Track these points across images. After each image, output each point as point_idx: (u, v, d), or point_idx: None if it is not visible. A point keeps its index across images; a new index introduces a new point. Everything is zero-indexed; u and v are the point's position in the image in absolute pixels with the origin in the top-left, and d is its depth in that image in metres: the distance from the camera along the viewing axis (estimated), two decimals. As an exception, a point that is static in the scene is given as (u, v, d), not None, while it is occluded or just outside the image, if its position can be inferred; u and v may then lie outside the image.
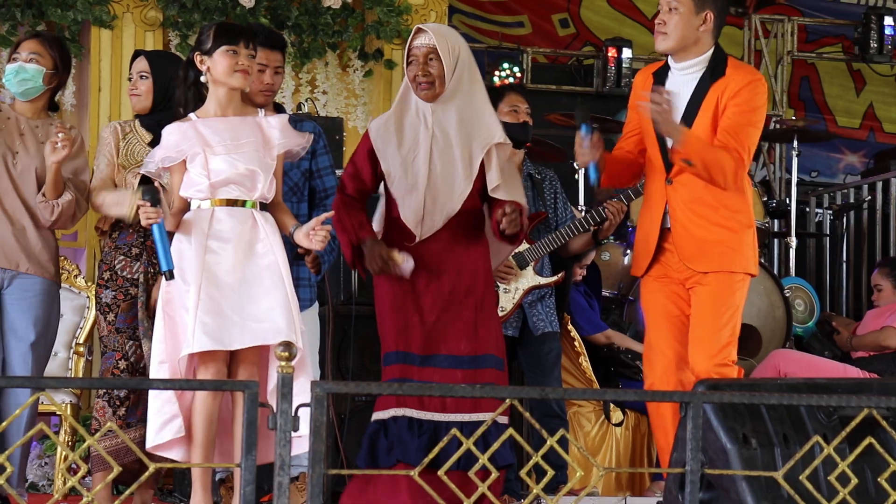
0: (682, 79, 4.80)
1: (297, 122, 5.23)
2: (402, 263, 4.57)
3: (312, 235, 4.44)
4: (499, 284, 5.62)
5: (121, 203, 4.80)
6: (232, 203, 4.44)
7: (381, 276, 4.65)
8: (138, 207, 4.41)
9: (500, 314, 5.66)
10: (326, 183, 5.22)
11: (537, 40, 9.32)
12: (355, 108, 7.68)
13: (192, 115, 4.54)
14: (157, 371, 4.43)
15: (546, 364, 5.73)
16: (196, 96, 4.57)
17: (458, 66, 4.68)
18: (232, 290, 4.37)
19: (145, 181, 4.65)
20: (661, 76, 4.86)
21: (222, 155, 4.45)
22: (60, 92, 5.25)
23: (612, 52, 8.73)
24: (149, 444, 4.36)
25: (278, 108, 5.29)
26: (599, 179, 4.83)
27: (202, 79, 4.54)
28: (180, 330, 4.37)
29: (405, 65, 4.70)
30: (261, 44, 4.95)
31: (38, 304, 4.94)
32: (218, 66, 4.49)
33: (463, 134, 4.67)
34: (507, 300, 5.70)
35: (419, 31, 4.68)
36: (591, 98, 8.79)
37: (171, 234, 4.46)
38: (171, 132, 4.50)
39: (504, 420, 4.53)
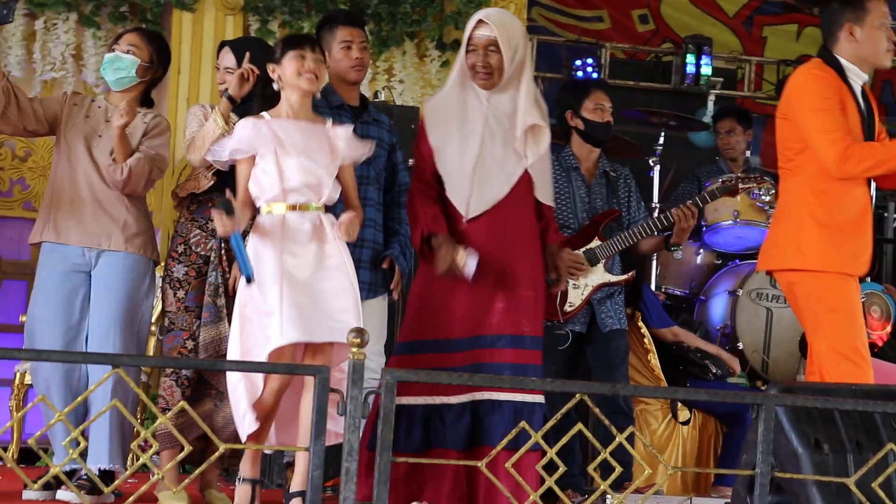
0: (858, 87, 4.79)
1: (375, 110, 5.29)
2: (464, 266, 4.55)
3: (339, 228, 4.54)
4: (569, 280, 5.60)
5: (208, 128, 4.89)
6: (303, 207, 4.54)
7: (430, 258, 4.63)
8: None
9: (569, 309, 5.65)
10: (402, 178, 5.34)
11: (616, 35, 9.26)
12: (432, 97, 7.67)
13: (265, 113, 4.63)
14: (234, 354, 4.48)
15: (614, 360, 5.71)
16: (264, 107, 4.66)
17: (517, 57, 4.69)
18: (309, 290, 4.46)
19: (219, 191, 4.71)
20: (845, 83, 4.79)
21: (294, 157, 4.54)
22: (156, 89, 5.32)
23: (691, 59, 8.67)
24: (243, 437, 4.41)
25: (363, 99, 5.35)
26: None
27: (275, 87, 4.63)
28: (258, 330, 4.44)
29: (465, 52, 4.71)
30: (342, 22, 5.25)
31: (122, 280, 5.03)
32: (287, 70, 4.59)
33: (515, 120, 4.68)
34: (577, 296, 5.68)
35: (480, 22, 4.68)
36: (669, 95, 8.72)
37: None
38: (244, 126, 4.59)
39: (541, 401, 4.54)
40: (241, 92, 4.92)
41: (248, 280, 4.43)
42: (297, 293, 4.43)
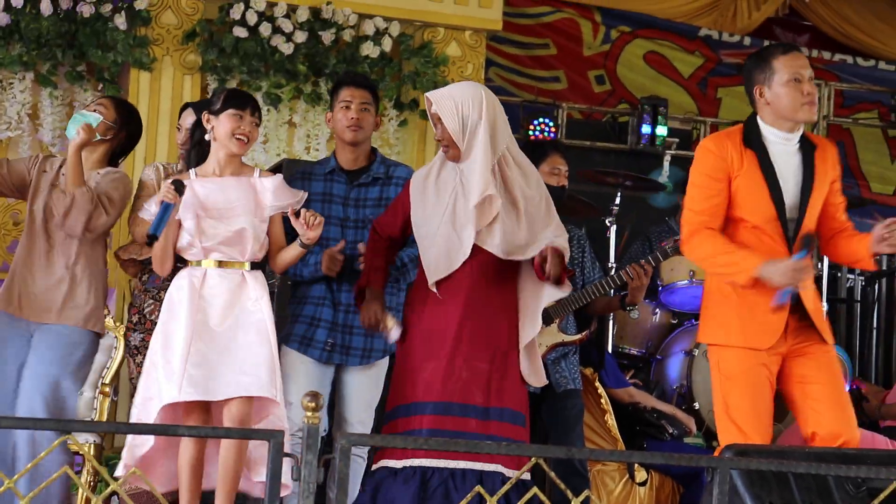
0: (787, 150, 4.73)
1: (392, 166, 5.32)
2: (391, 329, 4.71)
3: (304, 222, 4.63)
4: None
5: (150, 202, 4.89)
6: (223, 265, 4.65)
7: (412, 322, 4.74)
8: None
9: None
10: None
11: (573, 96, 9.34)
12: (389, 157, 7.69)
13: (192, 171, 4.75)
14: (143, 405, 4.59)
15: (568, 420, 5.70)
16: (199, 154, 4.78)
17: (469, 126, 4.68)
18: (218, 341, 4.54)
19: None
20: (758, 149, 4.75)
21: (215, 219, 4.64)
22: (122, 159, 5.26)
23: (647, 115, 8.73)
24: (118, 472, 4.58)
25: (372, 156, 5.36)
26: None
27: (206, 137, 4.73)
28: (163, 376, 4.52)
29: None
30: (346, 83, 5.29)
31: (59, 347, 4.93)
32: (221, 128, 4.69)
33: (473, 191, 4.69)
34: None
35: (427, 100, 4.76)
36: (626, 155, 8.78)
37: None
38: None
39: (527, 476, 4.51)
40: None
41: (151, 238, 4.55)
42: (205, 348, 4.51)
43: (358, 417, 5.20)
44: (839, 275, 8.67)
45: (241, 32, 7.46)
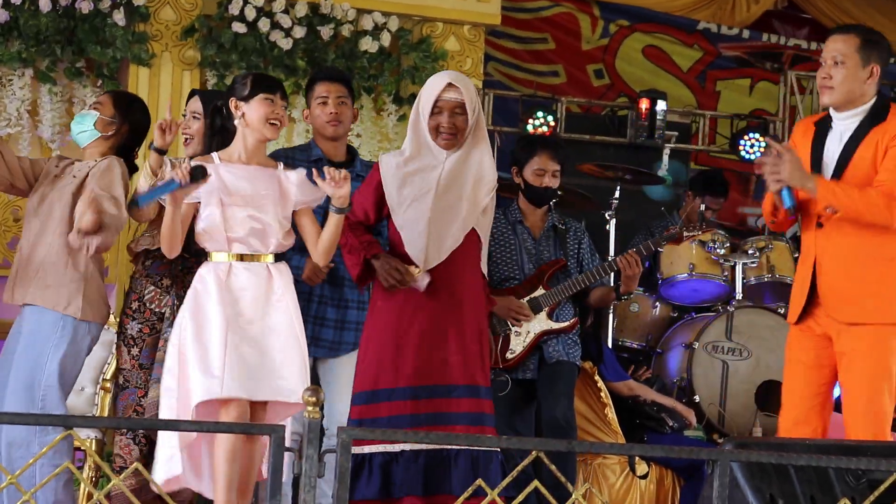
0: (843, 126, 4.76)
1: (369, 166, 5.25)
2: (419, 278, 4.64)
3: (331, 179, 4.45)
4: (511, 326, 5.66)
5: (140, 183, 4.84)
6: (249, 258, 4.49)
7: (380, 308, 4.73)
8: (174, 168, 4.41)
9: (510, 356, 5.69)
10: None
11: (571, 90, 9.34)
12: (388, 151, 7.70)
13: (214, 155, 4.58)
14: (167, 405, 4.40)
15: (554, 379, 5.70)
16: (221, 142, 4.62)
17: (476, 118, 4.79)
18: (251, 338, 4.41)
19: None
20: (823, 126, 4.82)
21: (240, 208, 4.49)
22: (136, 151, 5.20)
23: (644, 104, 8.73)
24: (159, 480, 4.33)
25: (351, 151, 5.37)
26: (795, 206, 4.69)
27: (236, 122, 4.58)
28: (198, 371, 4.35)
29: (427, 111, 4.75)
30: (321, 78, 5.28)
31: (30, 340, 4.83)
32: (253, 114, 4.55)
33: (471, 175, 4.77)
34: (518, 343, 5.71)
35: (450, 85, 4.75)
36: (624, 149, 8.79)
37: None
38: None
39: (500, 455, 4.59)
40: (165, 143, 4.87)
41: (133, 202, 4.56)
42: (241, 345, 4.38)
43: (341, 406, 5.06)
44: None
45: (239, 28, 7.46)
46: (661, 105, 8.66)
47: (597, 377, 6.25)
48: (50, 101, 7.24)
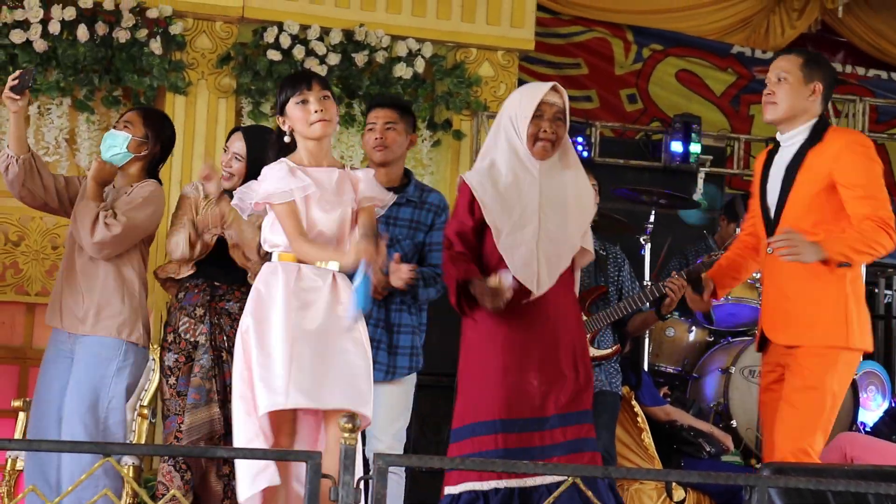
0: (787, 150, 4.83)
1: (425, 190, 5.26)
2: (504, 283, 4.36)
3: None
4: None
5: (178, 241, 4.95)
6: (320, 262, 4.35)
7: (482, 339, 4.51)
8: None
9: None
10: (434, 259, 5.14)
11: (605, 114, 9.34)
12: (422, 177, 7.72)
13: (285, 160, 4.42)
14: (244, 422, 4.26)
15: (598, 410, 5.61)
16: (286, 155, 4.47)
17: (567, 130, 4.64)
18: (319, 351, 4.27)
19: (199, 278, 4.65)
20: (772, 153, 4.89)
21: (321, 209, 4.37)
22: (161, 166, 5.26)
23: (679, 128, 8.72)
24: (243, 497, 4.19)
25: (407, 174, 5.31)
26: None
27: (286, 140, 4.46)
28: (260, 381, 4.22)
29: (528, 116, 4.51)
30: (373, 104, 5.30)
31: (87, 364, 4.94)
32: (296, 123, 4.42)
33: (573, 193, 4.59)
34: None
35: (554, 89, 4.54)
36: (659, 172, 8.77)
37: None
38: (278, 169, 4.36)
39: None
40: (218, 190, 4.96)
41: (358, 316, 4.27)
42: (308, 353, 4.23)
43: (387, 433, 5.06)
44: (876, 290, 8.61)
45: (274, 55, 7.51)
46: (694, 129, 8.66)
47: (634, 402, 6.23)
48: (88, 130, 7.31)
